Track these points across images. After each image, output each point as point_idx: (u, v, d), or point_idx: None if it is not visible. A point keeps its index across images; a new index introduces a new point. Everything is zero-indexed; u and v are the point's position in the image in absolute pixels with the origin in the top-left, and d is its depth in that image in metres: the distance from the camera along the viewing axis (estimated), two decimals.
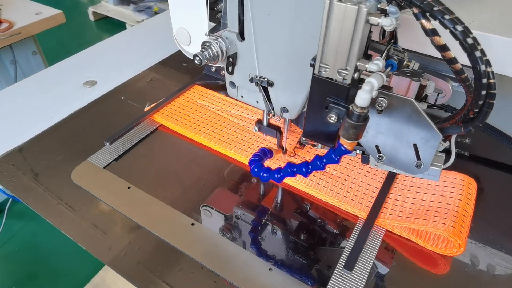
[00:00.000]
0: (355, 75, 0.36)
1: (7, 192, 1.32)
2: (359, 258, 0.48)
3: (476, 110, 0.38)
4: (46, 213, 0.54)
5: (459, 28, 0.33)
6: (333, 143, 0.42)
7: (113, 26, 2.76)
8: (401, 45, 0.51)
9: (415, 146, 0.42)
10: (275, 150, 0.55)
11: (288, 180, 0.57)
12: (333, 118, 0.38)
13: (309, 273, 0.47)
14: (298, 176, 0.53)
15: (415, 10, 0.35)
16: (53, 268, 1.32)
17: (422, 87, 0.51)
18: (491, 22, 0.53)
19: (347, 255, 0.48)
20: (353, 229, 0.52)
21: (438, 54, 0.37)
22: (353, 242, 0.49)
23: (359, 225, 0.52)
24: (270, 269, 0.47)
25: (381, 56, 0.39)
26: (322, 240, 0.51)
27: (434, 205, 0.52)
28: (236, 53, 0.46)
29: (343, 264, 0.47)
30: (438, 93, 0.57)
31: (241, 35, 0.45)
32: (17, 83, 0.80)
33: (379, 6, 0.35)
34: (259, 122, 0.59)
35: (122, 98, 0.75)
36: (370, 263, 0.47)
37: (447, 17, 0.33)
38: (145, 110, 0.70)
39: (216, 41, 0.45)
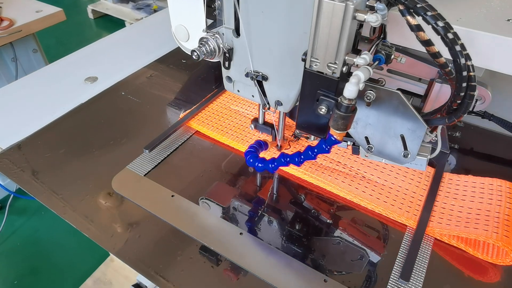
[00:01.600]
0: (344, 69, 0.38)
1: (8, 188, 1.35)
2: (414, 268, 0.47)
3: (459, 102, 0.40)
4: (50, 203, 0.56)
5: (440, 23, 0.35)
6: (325, 134, 0.44)
7: (112, 24, 2.78)
8: (392, 41, 0.53)
9: (402, 136, 0.45)
10: (270, 142, 0.57)
11: (333, 188, 0.57)
12: (323, 110, 0.40)
13: (360, 282, 0.47)
14: (344, 184, 0.57)
15: (401, 7, 0.37)
16: (54, 263, 1.34)
17: None
18: (478, 19, 0.55)
19: (401, 264, 0.48)
20: (403, 238, 0.51)
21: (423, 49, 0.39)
22: (405, 251, 0.50)
23: (408, 234, 0.52)
24: (325, 280, 0.47)
25: (369, 51, 0.41)
26: (367, 248, 0.51)
27: (483, 213, 0.52)
28: (232, 48, 0.48)
29: (399, 274, 0.47)
30: (477, 100, 0.58)
31: (237, 31, 0.47)
32: (20, 79, 0.82)
33: (368, 3, 0.37)
34: (255, 120, 0.61)
35: (123, 93, 0.77)
36: (424, 273, 0.47)
37: (429, 13, 0.35)
38: (180, 117, 0.70)
39: (213, 37, 0.47)
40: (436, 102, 0.62)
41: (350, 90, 0.36)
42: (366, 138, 0.47)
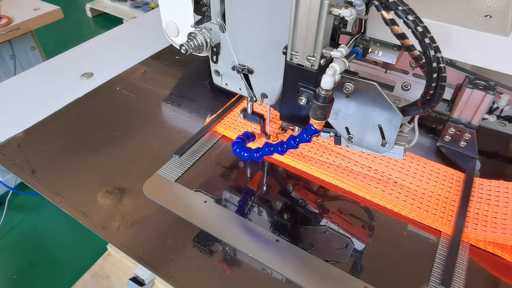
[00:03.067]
0: (322, 61, 0.41)
1: (7, 184, 1.37)
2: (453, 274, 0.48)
3: (432, 92, 0.42)
4: (48, 193, 0.58)
5: (411, 17, 0.37)
6: (306, 124, 0.46)
7: (111, 22, 2.78)
8: (375, 36, 0.55)
9: (380, 126, 0.47)
10: (258, 134, 0.60)
11: (366, 194, 0.58)
12: (303, 101, 0.42)
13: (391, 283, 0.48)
14: (378, 190, 0.58)
15: (376, 2, 0.39)
16: (53, 258, 1.36)
17: None
18: (456, 15, 0.57)
19: (440, 271, 0.48)
20: (438, 244, 0.52)
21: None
22: (443, 257, 0.50)
23: (444, 240, 0.52)
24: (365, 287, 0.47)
25: (346, 45, 0.44)
26: (402, 253, 0.52)
27: None
28: (219, 43, 0.50)
29: (439, 281, 0.47)
30: (503, 106, 0.60)
31: (223, 26, 0.49)
32: (17, 75, 0.84)
33: None
34: (244, 110, 0.63)
35: (118, 88, 0.79)
36: (463, 279, 0.47)
37: (400, 8, 0.37)
38: (205, 122, 0.70)
39: (201, 32, 0.49)
40: (466, 108, 0.63)
41: (326, 81, 0.38)
42: (347, 128, 0.49)
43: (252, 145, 0.61)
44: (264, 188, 0.60)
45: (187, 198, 0.57)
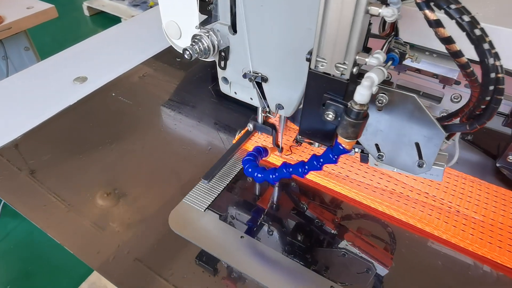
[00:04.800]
0: (354, 70, 0.34)
1: None
2: None
3: (483, 107, 0.35)
4: (32, 215, 0.51)
5: (466, 18, 0.30)
6: (331, 142, 0.40)
7: (109, 21, 2.72)
8: (402, 38, 0.48)
9: (417, 144, 0.40)
10: (270, 148, 0.53)
11: (427, 226, 0.50)
12: (330, 116, 0.36)
13: None
14: (440, 221, 0.50)
15: (418, 0, 0.32)
16: (49, 267, 1.30)
17: None
18: (496, 13, 0.50)
19: None
20: None
21: (442, 48, 0.35)
22: None
23: None
24: None
25: (381, 49, 0.37)
26: None
27: None
28: (228, 47, 0.44)
29: None
30: None
31: (233, 27, 0.42)
32: (5, 79, 0.77)
33: None
34: (253, 120, 0.56)
35: (113, 94, 0.73)
36: None
37: (453, 6, 0.30)
38: (234, 140, 0.61)
39: (207, 34, 0.42)
40: None
41: (362, 94, 0.32)
42: (377, 145, 0.42)
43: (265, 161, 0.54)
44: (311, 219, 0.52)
45: (221, 233, 0.49)
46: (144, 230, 0.50)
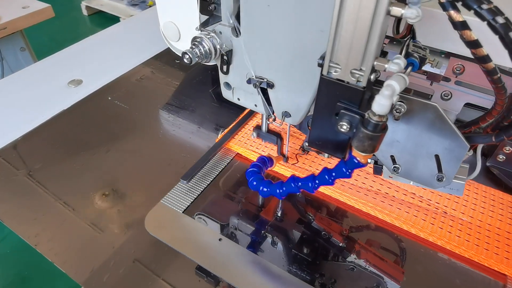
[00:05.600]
0: (372, 77, 0.31)
1: None
2: None
3: None
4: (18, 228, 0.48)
5: (500, 20, 0.27)
6: (343, 154, 0.36)
7: (107, 20, 2.69)
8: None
9: (436, 157, 0.37)
10: (275, 157, 0.50)
11: (412, 228, 0.48)
12: (344, 127, 0.32)
13: None
14: (426, 223, 0.48)
15: (442, 0, 0.29)
16: (46, 271, 1.27)
17: None
18: None
19: None
20: None
21: (462, 51, 0.32)
22: None
23: None
24: None
25: (400, 54, 0.34)
26: None
27: None
28: (231, 50, 0.40)
29: None
30: None
31: (237, 29, 0.39)
32: None
33: None
34: (257, 128, 0.53)
35: (109, 98, 0.69)
36: None
37: (485, 6, 0.27)
38: (216, 139, 0.60)
39: (208, 36, 0.39)
40: None
41: (381, 104, 0.28)
42: (392, 157, 0.39)
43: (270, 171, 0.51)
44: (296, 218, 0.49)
45: (198, 235, 0.46)
46: (135, 244, 0.46)
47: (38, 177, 0.55)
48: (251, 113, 0.63)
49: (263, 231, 0.47)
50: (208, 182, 0.53)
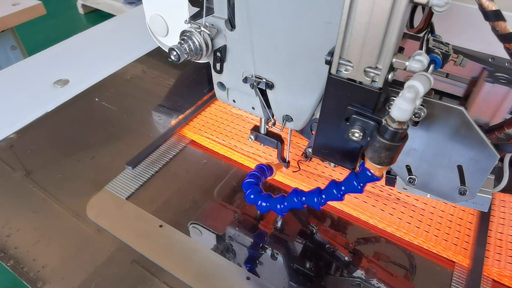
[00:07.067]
0: (389, 76, 0.26)
1: None
2: None
3: None
4: None
5: None
6: (354, 164, 0.32)
7: (103, 19, 2.61)
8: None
9: (459, 167, 0.32)
10: (275, 165, 0.45)
11: (362, 214, 0.46)
12: (357, 135, 0.28)
13: None
14: (376, 209, 0.46)
15: None
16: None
17: None
18: None
19: None
20: (452, 281, 0.41)
21: (477, 47, 0.27)
22: None
23: (459, 274, 0.41)
24: None
25: (420, 49, 0.29)
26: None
27: None
28: (225, 45, 0.36)
29: None
30: None
31: (231, 22, 0.34)
32: None
33: None
34: (255, 130, 0.48)
35: (97, 100, 0.64)
36: None
37: None
38: (171, 124, 0.58)
39: (199, 30, 0.34)
40: (484, 107, 0.51)
41: (402, 109, 0.24)
42: (408, 166, 0.35)
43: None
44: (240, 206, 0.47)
45: (140, 222, 0.45)
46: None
47: (19, 181, 0.50)
48: (208, 100, 0.62)
49: (261, 243, 0.43)
50: (156, 169, 0.52)
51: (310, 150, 0.46)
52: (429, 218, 0.46)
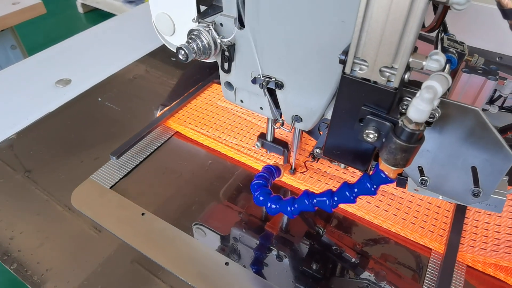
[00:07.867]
0: (406, 76, 0.25)
1: None
2: None
3: None
4: None
5: None
6: (366, 166, 0.31)
7: (103, 18, 2.61)
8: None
9: (473, 169, 0.32)
10: (283, 166, 0.45)
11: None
12: (371, 136, 0.27)
13: None
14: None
15: None
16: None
17: None
18: None
19: None
20: (428, 266, 0.42)
21: (492, 48, 0.27)
22: (432, 283, 0.40)
23: (435, 260, 0.43)
24: None
25: (436, 49, 0.29)
26: (387, 274, 0.42)
27: None
28: (234, 44, 0.35)
29: None
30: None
31: (241, 20, 0.34)
32: None
33: None
34: (261, 137, 0.48)
35: (100, 100, 0.64)
36: None
37: None
38: (157, 115, 0.59)
39: (207, 29, 0.34)
40: (462, 97, 0.50)
41: (421, 110, 0.23)
42: (420, 168, 0.34)
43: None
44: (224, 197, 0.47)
45: (122, 210, 0.46)
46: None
47: (21, 183, 0.49)
48: (194, 92, 0.63)
49: (268, 245, 0.42)
50: (141, 159, 0.53)
51: (317, 150, 0.45)
52: (407, 207, 0.47)
